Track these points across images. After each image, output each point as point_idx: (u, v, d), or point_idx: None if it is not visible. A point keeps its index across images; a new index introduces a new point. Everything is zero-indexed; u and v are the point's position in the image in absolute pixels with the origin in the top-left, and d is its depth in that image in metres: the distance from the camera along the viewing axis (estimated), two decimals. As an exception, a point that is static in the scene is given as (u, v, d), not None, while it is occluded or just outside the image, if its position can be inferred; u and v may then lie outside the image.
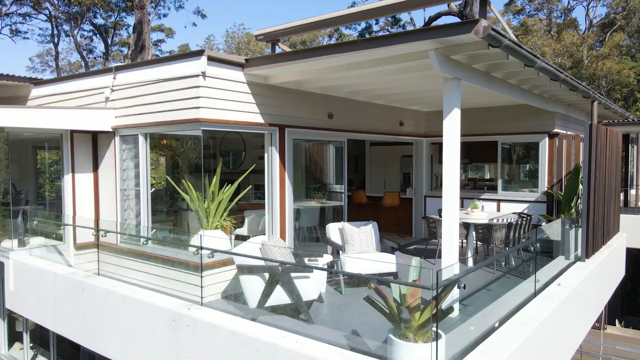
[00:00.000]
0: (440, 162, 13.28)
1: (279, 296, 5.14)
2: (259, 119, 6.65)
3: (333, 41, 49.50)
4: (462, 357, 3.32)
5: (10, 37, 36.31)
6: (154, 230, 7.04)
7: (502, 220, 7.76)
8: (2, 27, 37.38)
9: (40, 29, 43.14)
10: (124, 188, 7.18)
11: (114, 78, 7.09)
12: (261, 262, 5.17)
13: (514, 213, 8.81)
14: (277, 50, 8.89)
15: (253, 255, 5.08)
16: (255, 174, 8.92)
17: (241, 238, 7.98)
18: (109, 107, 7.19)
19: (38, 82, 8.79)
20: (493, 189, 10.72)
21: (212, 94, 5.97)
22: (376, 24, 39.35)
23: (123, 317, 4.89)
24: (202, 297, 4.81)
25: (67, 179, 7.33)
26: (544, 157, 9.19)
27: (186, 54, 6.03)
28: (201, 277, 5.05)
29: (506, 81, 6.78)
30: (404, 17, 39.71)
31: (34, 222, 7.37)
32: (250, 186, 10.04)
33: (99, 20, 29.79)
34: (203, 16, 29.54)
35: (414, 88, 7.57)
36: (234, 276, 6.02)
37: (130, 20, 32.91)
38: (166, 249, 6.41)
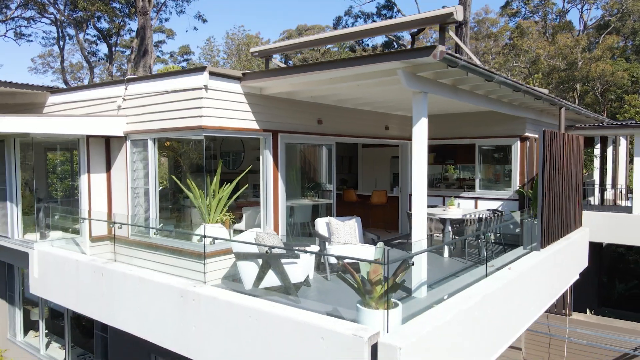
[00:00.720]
0: (429, 162, 14.22)
1: (271, 279, 6.00)
2: (254, 125, 7.51)
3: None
4: (410, 319, 4.20)
5: (14, 40, 37.24)
6: (161, 224, 7.90)
7: (474, 215, 8.62)
8: (7, 31, 38.31)
9: (44, 31, 44.02)
10: (134, 187, 8.05)
11: (126, 89, 7.95)
12: (256, 250, 6.04)
13: (488, 209, 9.68)
14: (274, 62, 9.76)
15: (248, 242, 5.95)
16: (253, 174, 9.78)
17: (239, 232, 8.84)
18: (121, 115, 8.06)
19: (55, 91, 9.66)
20: (473, 187, 11.58)
21: (213, 104, 6.83)
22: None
23: (138, 296, 5.76)
24: (205, 278, 5.69)
25: (83, 178, 8.20)
26: (516, 159, 10.07)
27: (190, 70, 6.90)
28: (204, 261, 5.93)
29: (474, 92, 7.65)
30: (404, 11, 40.53)
31: (55, 217, 8.24)
32: (248, 185, 10.89)
33: (103, 24, 30.72)
34: (204, 21, 30.48)
35: (393, 97, 8.45)
36: (231, 265, 6.89)
37: (133, 24, 33.87)
38: (173, 241, 7.28)
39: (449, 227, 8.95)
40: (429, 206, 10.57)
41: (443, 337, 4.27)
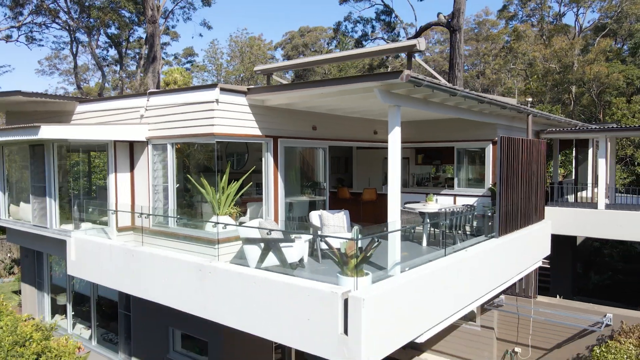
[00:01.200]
0: (417, 163, 15.59)
1: (271, 260, 7.33)
2: (257, 132, 8.85)
3: (334, 44, 51.93)
4: (375, 282, 5.53)
5: (26, 45, 38.75)
6: (178, 216, 9.25)
7: (448, 209, 9.93)
8: (19, 36, 39.80)
9: (54, 36, 45.51)
10: (155, 184, 9.40)
11: (148, 100, 9.31)
12: (259, 236, 7.37)
13: (463, 205, 10.98)
14: (274, 79, 11.10)
15: (254, 226, 7.30)
16: (256, 173, 11.11)
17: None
18: (144, 123, 9.41)
19: (83, 100, 11.02)
20: (460, 185, 12.88)
21: (223, 115, 8.17)
22: (372, 31, 41.54)
23: (164, 271, 7.11)
24: (218, 257, 7.04)
25: (111, 177, 9.56)
26: (489, 160, 11.36)
27: (204, 86, 8.23)
28: (217, 244, 7.27)
29: (444, 104, 8.94)
30: (402, 16, 41.87)
31: (89, 210, 9.61)
32: (251, 183, 12.23)
33: (113, 30, 32.10)
34: (209, 27, 31.86)
35: (376, 108, 9.76)
36: (237, 250, 8.21)
37: (139, 29, 35.29)
38: (189, 230, 8.62)
39: (427, 219, 10.25)
40: (411, 202, 11.92)
41: (399, 295, 5.61)
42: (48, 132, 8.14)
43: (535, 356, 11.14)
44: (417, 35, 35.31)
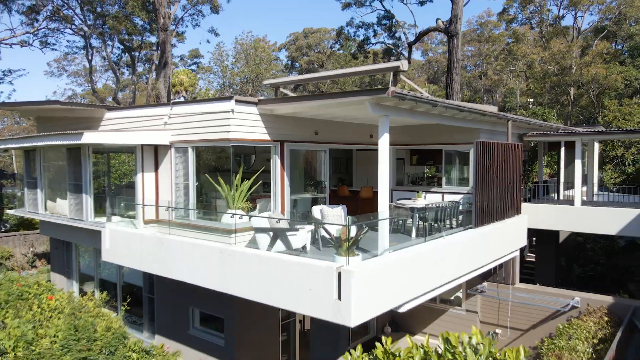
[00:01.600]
0: (412, 163, 17.01)
1: (279, 246, 8.68)
2: (267, 137, 10.20)
3: (338, 45, 53.48)
4: (364, 260, 6.88)
5: (39, 49, 40.30)
6: (200, 210, 10.62)
7: (434, 205, 11.24)
8: (33, 41, 41.38)
9: (67, 40, 47.12)
10: (177, 182, 10.77)
11: (171, 109, 10.68)
12: (268, 226, 8.72)
13: (449, 201, 12.29)
14: (281, 91, 12.45)
15: (265, 216, 8.66)
16: (264, 173, 12.46)
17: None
18: (167, 129, 10.78)
19: (111, 108, 12.41)
20: (448, 184, 14.19)
21: (237, 122, 9.52)
22: (374, 36, 42.81)
23: (189, 255, 8.48)
24: (235, 242, 8.41)
25: (138, 176, 10.94)
26: (472, 161, 12.66)
27: (221, 98, 9.60)
28: (235, 230, 8.64)
29: (429, 112, 10.26)
30: (404, 19, 43.18)
31: (121, 205, 11.00)
32: (260, 182, 13.59)
33: (124, 34, 33.52)
34: (216, 34, 33.17)
35: (370, 116, 11.08)
36: (249, 240, 9.56)
37: (149, 34, 36.76)
38: (207, 222, 9.99)
39: (417, 214, 11.58)
40: (403, 198, 13.25)
41: (383, 272, 6.96)
42: (89, 137, 9.53)
43: (513, 336, 12.45)
44: (417, 39, 36.59)
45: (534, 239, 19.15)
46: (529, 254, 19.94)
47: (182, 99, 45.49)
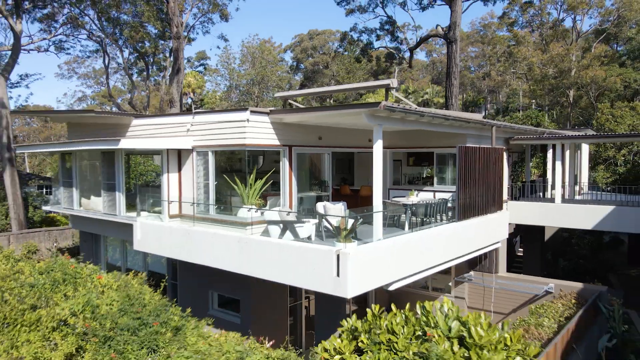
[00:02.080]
0: (409, 165, 18.62)
1: (288, 236, 10.19)
2: (277, 142, 11.72)
3: (342, 48, 54.99)
4: (359, 245, 8.37)
5: (55, 54, 42.06)
6: (221, 205, 12.16)
7: (424, 202, 12.71)
8: (49, 46, 43.16)
9: (81, 45, 48.98)
10: (198, 182, 12.31)
11: (193, 118, 12.22)
12: (278, 218, 10.23)
13: (439, 198, 13.74)
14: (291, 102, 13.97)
15: (277, 210, 10.17)
16: (274, 174, 13.98)
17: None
18: (189, 135, 12.32)
19: (138, 116, 13.98)
20: (439, 183, 15.65)
21: (252, 130, 11.04)
22: (377, 40, 44.25)
23: (212, 244, 10.01)
24: (252, 232, 9.93)
25: (164, 176, 12.48)
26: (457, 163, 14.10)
27: (238, 109, 11.12)
28: (251, 222, 10.16)
29: (419, 121, 11.73)
30: (406, 22, 44.64)
31: (150, 201, 12.57)
32: (271, 181, 15.13)
33: (139, 44, 35.24)
34: (226, 40, 34.77)
35: (367, 124, 12.57)
36: (262, 231, 11.07)
37: (159, 40, 38.44)
38: (225, 216, 11.51)
39: (409, 209, 13.05)
40: (398, 196, 14.72)
41: (375, 255, 8.47)
42: (125, 143, 11.10)
43: (496, 319, 13.88)
44: (418, 44, 38.00)
45: (520, 235, 20.57)
46: (519, 249, 21.37)
47: (190, 101, 47.19)
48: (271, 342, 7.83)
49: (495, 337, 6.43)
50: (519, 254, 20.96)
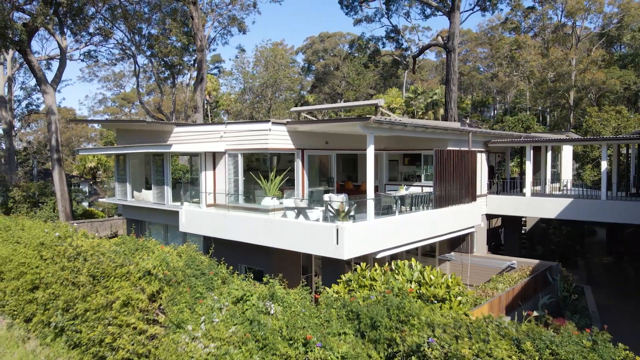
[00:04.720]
0: (405, 164, 21.94)
1: (301, 218, 13.30)
2: (292, 146, 14.84)
3: (353, 49, 58.05)
4: (354, 222, 11.47)
5: (84, 61, 45.66)
6: (244, 196, 15.32)
7: (410, 194, 15.72)
8: (80, 55, 46.51)
9: (108, 53, 52.71)
10: (229, 178, 15.50)
11: (226, 127, 15.40)
12: (294, 205, 13.35)
13: (426, 192, 16.75)
14: (303, 115, 17.03)
15: (291, 199, 13.31)
16: (290, 172, 17.10)
17: (282, 203, 16.20)
18: (222, 140, 15.51)
19: (179, 124, 17.21)
20: (426, 179, 18.65)
21: (273, 137, 14.16)
22: (383, 47, 47.21)
23: (243, 224, 13.20)
24: (273, 215, 13.12)
25: (202, 174, 15.69)
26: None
27: (262, 121, 14.26)
28: (274, 209, 13.34)
29: (404, 129, 14.76)
30: (410, 30, 47.56)
31: (192, 193, 15.82)
32: (287, 178, 18.29)
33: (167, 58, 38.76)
34: (243, 50, 37.99)
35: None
36: (281, 215, 14.19)
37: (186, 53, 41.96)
38: (251, 205, 14.67)
39: (399, 200, 16.08)
40: (391, 190, 17.76)
41: (366, 230, 11.57)
42: (175, 147, 14.33)
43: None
44: (420, 52, 40.84)
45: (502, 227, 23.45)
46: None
47: (205, 101, 50.44)
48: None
49: (441, 280, 9.48)
50: (504, 242, 23.85)
